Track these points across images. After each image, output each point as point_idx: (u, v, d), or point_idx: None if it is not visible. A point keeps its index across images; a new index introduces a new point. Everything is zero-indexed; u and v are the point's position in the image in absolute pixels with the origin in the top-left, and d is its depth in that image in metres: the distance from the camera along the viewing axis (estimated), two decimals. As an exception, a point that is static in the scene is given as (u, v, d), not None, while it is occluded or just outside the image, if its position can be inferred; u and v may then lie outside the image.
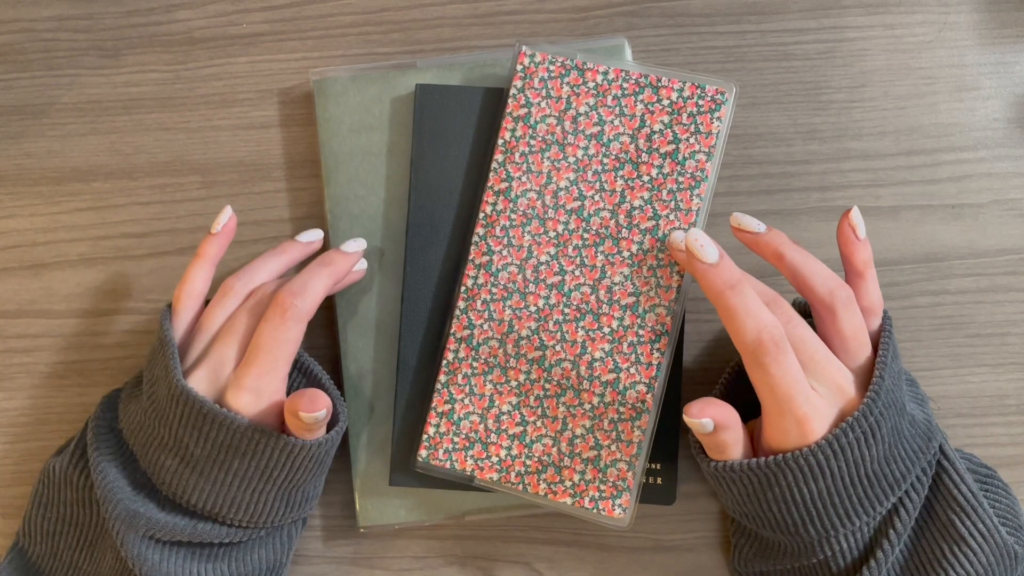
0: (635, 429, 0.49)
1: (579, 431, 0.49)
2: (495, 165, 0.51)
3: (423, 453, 0.50)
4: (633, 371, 0.49)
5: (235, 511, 0.47)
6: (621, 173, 0.50)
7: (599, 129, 0.50)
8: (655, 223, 0.49)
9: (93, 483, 0.47)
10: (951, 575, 0.45)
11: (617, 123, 0.50)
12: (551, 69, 0.50)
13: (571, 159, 0.50)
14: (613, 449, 0.49)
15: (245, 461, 0.46)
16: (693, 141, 0.49)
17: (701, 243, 0.45)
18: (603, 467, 0.49)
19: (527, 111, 0.50)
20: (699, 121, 0.49)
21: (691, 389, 0.53)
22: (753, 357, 0.44)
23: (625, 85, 0.50)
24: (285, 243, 0.51)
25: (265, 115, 0.55)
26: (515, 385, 0.50)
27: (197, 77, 0.55)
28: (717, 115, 0.49)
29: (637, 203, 0.49)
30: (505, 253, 0.50)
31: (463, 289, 0.50)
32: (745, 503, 0.46)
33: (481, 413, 0.50)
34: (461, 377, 0.50)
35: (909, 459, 0.45)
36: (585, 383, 0.49)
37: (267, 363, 0.46)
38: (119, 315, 0.55)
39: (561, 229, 0.50)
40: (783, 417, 0.44)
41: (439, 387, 0.50)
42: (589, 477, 0.49)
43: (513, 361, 0.50)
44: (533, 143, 0.50)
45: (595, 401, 0.49)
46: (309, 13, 0.55)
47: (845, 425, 0.43)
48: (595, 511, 0.49)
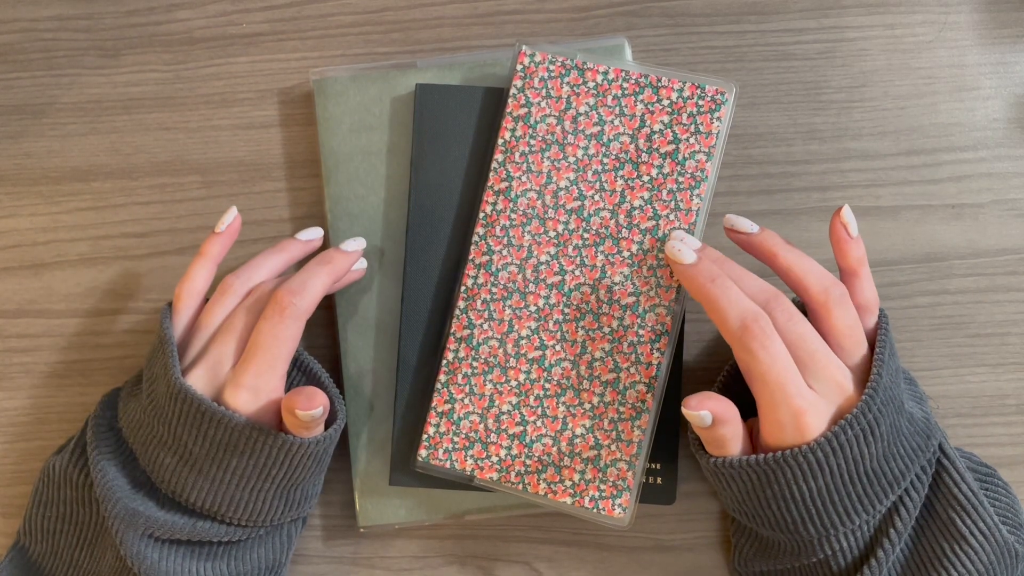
0: (635, 429, 0.49)
1: (579, 431, 0.49)
2: (495, 165, 0.51)
3: (423, 453, 0.50)
4: (633, 371, 0.49)
5: (234, 509, 0.47)
6: (621, 173, 0.50)
7: (599, 129, 0.50)
8: (655, 223, 0.49)
9: (93, 482, 0.47)
10: (952, 574, 0.45)
11: (617, 123, 0.50)
12: (551, 69, 0.50)
13: (571, 159, 0.50)
14: (613, 449, 0.49)
15: (243, 459, 0.46)
16: (693, 141, 0.49)
17: (678, 248, 0.47)
18: (603, 467, 0.49)
19: (527, 111, 0.50)
20: (699, 121, 0.49)
21: (691, 389, 0.53)
22: (741, 344, 0.44)
23: (625, 85, 0.50)
24: (285, 241, 0.51)
25: (265, 115, 0.55)
26: (515, 385, 0.50)
27: (197, 77, 0.55)
28: (717, 115, 0.49)
29: (637, 203, 0.49)
30: (505, 253, 0.50)
31: (463, 289, 0.50)
32: (744, 501, 0.46)
33: (481, 413, 0.50)
34: (461, 377, 0.50)
35: (908, 457, 0.45)
36: (585, 383, 0.49)
37: (265, 361, 0.46)
38: (119, 315, 0.55)
39: (561, 229, 0.50)
40: (777, 409, 0.44)
41: (439, 387, 0.50)
42: (589, 477, 0.49)
43: (513, 361, 0.50)
44: (533, 143, 0.50)
45: (595, 401, 0.49)
46: (309, 13, 0.55)
47: (844, 422, 0.43)
48: (595, 511, 0.49)
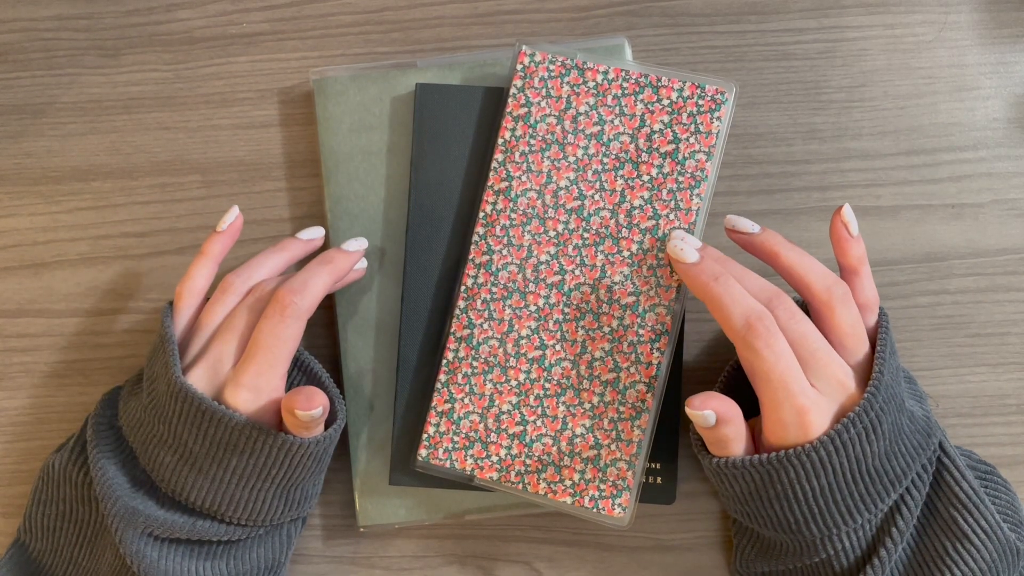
0: (635, 428, 0.49)
1: (579, 430, 0.49)
2: (495, 164, 0.51)
3: (423, 452, 0.50)
4: (633, 370, 0.49)
5: (234, 509, 0.47)
6: (621, 173, 0.50)
7: (599, 128, 0.50)
8: (655, 223, 0.49)
9: (92, 480, 0.47)
10: (955, 572, 0.45)
11: (617, 123, 0.50)
12: (551, 69, 0.50)
13: (571, 158, 0.50)
14: (613, 448, 0.49)
15: (243, 459, 0.46)
16: (693, 141, 0.49)
17: (680, 247, 0.47)
18: (603, 466, 0.49)
19: (527, 110, 0.50)
20: (699, 121, 0.49)
21: (691, 389, 0.53)
22: (745, 343, 0.44)
23: (625, 85, 0.50)
24: (285, 240, 0.51)
25: (265, 114, 0.55)
26: (515, 384, 0.50)
27: (197, 76, 0.55)
28: (717, 115, 0.49)
29: (637, 203, 0.49)
30: (505, 252, 0.50)
31: (463, 288, 0.50)
32: (746, 501, 0.46)
33: (481, 412, 0.50)
34: (461, 376, 0.50)
35: (909, 455, 0.45)
36: (585, 382, 0.49)
37: (266, 361, 0.46)
38: (119, 315, 0.55)
39: (561, 228, 0.50)
40: (780, 408, 0.44)
41: (439, 386, 0.50)
42: (589, 476, 0.49)
43: (513, 360, 0.50)
44: (533, 142, 0.50)
45: (595, 400, 0.49)
46: (309, 12, 0.55)
47: (847, 420, 0.43)
48: (595, 510, 0.49)
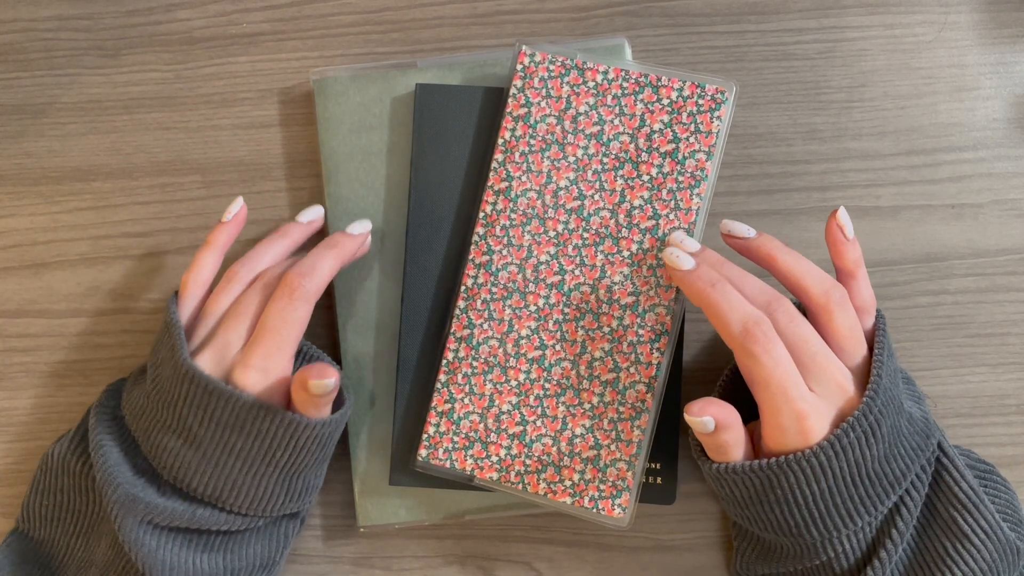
0: (635, 429, 0.49)
1: (579, 431, 0.49)
2: (495, 165, 0.51)
3: (423, 452, 0.50)
4: (633, 371, 0.49)
5: (235, 496, 0.47)
6: (621, 172, 0.50)
7: (599, 128, 0.50)
8: (655, 222, 0.49)
9: (94, 467, 0.47)
10: (955, 572, 0.45)
11: (617, 122, 0.50)
12: (551, 69, 0.50)
13: (571, 158, 0.50)
14: (613, 449, 0.49)
15: (249, 440, 0.46)
16: (693, 140, 0.49)
17: (676, 254, 0.47)
18: (603, 467, 0.49)
19: (527, 111, 0.50)
20: (699, 120, 0.49)
21: (691, 389, 0.53)
22: (743, 349, 0.44)
23: (625, 84, 0.50)
24: (286, 225, 0.51)
25: (265, 115, 0.55)
26: (515, 384, 0.50)
27: (197, 76, 0.55)
28: (717, 114, 0.49)
29: (637, 202, 0.49)
30: (505, 253, 0.50)
31: (463, 289, 0.50)
32: (747, 506, 0.46)
33: (481, 412, 0.50)
34: (461, 376, 0.50)
35: (909, 457, 0.45)
36: (585, 383, 0.49)
37: (275, 343, 0.46)
38: (119, 315, 0.55)
39: (561, 228, 0.50)
40: (780, 413, 0.44)
41: (439, 386, 0.50)
42: (589, 477, 0.49)
43: (513, 360, 0.50)
44: (533, 143, 0.50)
45: (595, 401, 0.49)
46: (309, 13, 0.55)
47: (846, 425, 0.43)
48: (595, 511, 0.49)
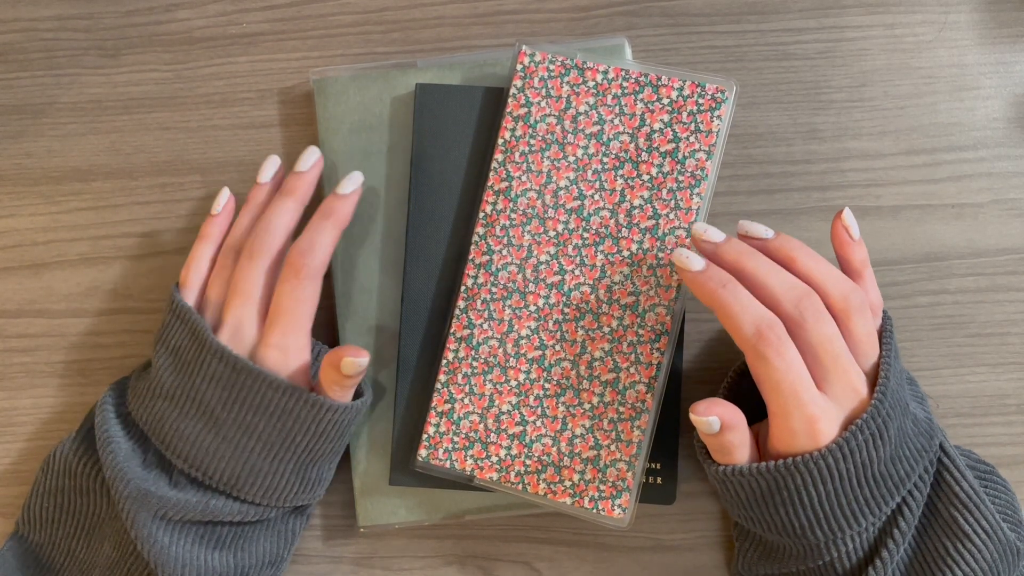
0: (635, 429, 0.49)
1: (579, 431, 0.49)
2: (495, 164, 0.50)
3: (423, 453, 0.50)
4: (633, 371, 0.49)
5: (252, 480, 0.47)
6: (621, 172, 0.50)
7: (599, 128, 0.50)
8: (655, 222, 0.49)
9: (102, 464, 0.47)
10: (956, 572, 0.45)
11: (617, 122, 0.50)
12: (551, 68, 0.50)
13: (571, 158, 0.50)
14: (613, 449, 0.49)
15: (271, 422, 0.46)
16: (693, 140, 0.49)
17: (685, 255, 0.46)
18: (603, 467, 0.49)
19: (527, 110, 0.50)
20: (699, 119, 0.49)
21: (691, 389, 0.53)
22: (755, 351, 0.43)
23: (625, 84, 0.50)
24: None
25: (265, 115, 0.55)
26: (515, 385, 0.50)
27: (197, 76, 0.55)
28: (717, 113, 0.49)
29: (637, 202, 0.49)
30: (505, 252, 0.50)
31: (463, 289, 0.50)
32: (750, 506, 0.46)
33: (481, 413, 0.50)
34: (461, 376, 0.50)
35: (913, 458, 0.45)
36: (585, 383, 0.49)
37: (291, 322, 0.47)
38: (119, 315, 0.55)
39: (561, 228, 0.50)
40: (790, 417, 0.43)
41: (439, 386, 0.50)
42: (589, 477, 0.49)
43: (513, 361, 0.50)
44: (533, 142, 0.50)
45: (595, 401, 0.49)
46: (309, 12, 0.55)
47: (855, 427, 0.43)
48: (595, 511, 0.49)
